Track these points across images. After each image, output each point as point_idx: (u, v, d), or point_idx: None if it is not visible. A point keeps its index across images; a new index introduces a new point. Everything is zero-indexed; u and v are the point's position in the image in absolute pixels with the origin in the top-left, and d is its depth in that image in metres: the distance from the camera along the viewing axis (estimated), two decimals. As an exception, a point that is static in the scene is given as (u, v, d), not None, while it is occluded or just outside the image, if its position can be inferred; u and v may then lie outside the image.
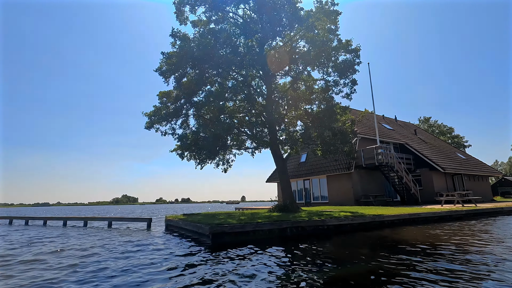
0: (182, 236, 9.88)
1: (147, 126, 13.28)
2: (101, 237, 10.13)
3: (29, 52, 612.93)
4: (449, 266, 4.85)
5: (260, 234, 8.63)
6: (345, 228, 10.25)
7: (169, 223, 12.62)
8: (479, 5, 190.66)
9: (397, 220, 11.63)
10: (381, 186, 24.44)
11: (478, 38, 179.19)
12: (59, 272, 5.16)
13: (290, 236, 9.06)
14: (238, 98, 12.44)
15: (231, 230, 8.19)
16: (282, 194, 13.97)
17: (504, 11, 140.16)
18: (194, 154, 14.88)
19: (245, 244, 7.76)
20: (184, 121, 13.24)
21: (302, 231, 9.37)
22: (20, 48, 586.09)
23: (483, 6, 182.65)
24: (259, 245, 7.56)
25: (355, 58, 10.50)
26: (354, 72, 10.70)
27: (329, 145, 10.50)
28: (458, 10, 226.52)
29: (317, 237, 8.94)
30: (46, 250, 7.64)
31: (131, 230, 12.50)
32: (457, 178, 26.48)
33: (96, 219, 15.05)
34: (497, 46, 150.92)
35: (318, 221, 9.74)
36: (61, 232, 12.63)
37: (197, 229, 8.90)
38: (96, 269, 5.25)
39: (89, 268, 5.40)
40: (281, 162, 13.56)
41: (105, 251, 7.10)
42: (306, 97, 10.91)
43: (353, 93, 11.14)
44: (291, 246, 7.50)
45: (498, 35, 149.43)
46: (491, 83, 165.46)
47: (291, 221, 9.22)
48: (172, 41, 11.79)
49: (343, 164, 22.86)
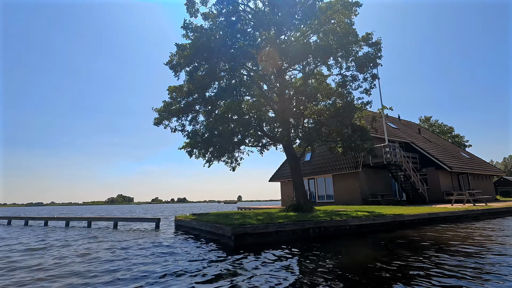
0: (196, 237, 9.40)
1: (156, 123, 12.76)
2: (114, 239, 9.58)
3: (22, 50, 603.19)
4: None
5: (283, 235, 8.19)
6: (367, 228, 9.87)
7: (179, 223, 12.11)
8: (479, 5, 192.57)
9: (416, 220, 11.29)
10: (387, 185, 24.18)
11: (478, 38, 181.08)
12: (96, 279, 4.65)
13: (313, 236, 8.65)
14: (252, 93, 11.94)
15: (254, 231, 7.74)
16: (296, 193, 13.56)
17: (504, 11, 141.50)
18: (203, 152, 14.39)
19: (271, 246, 7.32)
20: (194, 117, 12.70)
21: (324, 231, 8.96)
22: (13, 46, 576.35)
23: (483, 6, 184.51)
24: (287, 247, 7.12)
25: (376, 51, 10.10)
26: (375, 66, 10.31)
27: (350, 141, 10.09)
28: (458, 9, 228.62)
29: (340, 238, 8.53)
30: (69, 253, 7.10)
31: (140, 231, 11.96)
32: (462, 178, 26.35)
33: (101, 219, 14.46)
34: (497, 45, 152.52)
35: (340, 221, 9.34)
36: (77, 233, 12.04)
37: (216, 230, 8.42)
38: (141, 276, 4.73)
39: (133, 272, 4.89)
40: (294, 161, 13.14)
41: (133, 254, 6.50)
42: (325, 91, 10.47)
43: (372, 88, 10.74)
44: (328, 248, 7.08)
45: (498, 35, 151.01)
46: (487, 82, 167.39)
47: (313, 221, 8.80)
48: (183, 33, 11.26)
49: (350, 163, 22.54)
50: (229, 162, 16.00)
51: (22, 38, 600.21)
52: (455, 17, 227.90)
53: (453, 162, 24.96)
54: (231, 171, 16.66)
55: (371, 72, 10.44)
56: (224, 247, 7.23)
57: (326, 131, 10.43)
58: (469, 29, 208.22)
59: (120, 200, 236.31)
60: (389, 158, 20.60)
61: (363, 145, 10.42)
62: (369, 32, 10.28)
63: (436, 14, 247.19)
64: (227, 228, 7.69)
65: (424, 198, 21.94)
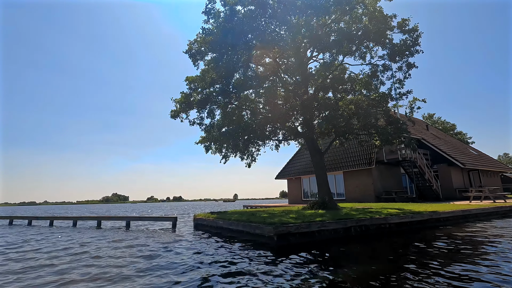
0: (222, 237, 8.71)
1: (173, 115, 11.99)
2: (136, 241, 8.82)
3: (14, 48, 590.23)
4: None
5: (325, 234, 7.57)
6: (406, 227, 9.31)
7: (200, 223, 11.38)
8: (479, 4, 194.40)
9: (451, 217, 10.79)
10: (398, 182, 23.77)
11: (478, 37, 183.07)
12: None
13: (354, 235, 8.05)
14: (277, 85, 11.21)
15: (297, 230, 7.10)
16: (319, 190, 12.95)
17: (504, 11, 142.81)
18: (219, 147, 13.68)
19: (316, 246, 6.67)
20: (212, 110, 11.91)
21: (365, 230, 8.35)
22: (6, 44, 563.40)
23: (483, 6, 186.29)
24: (338, 247, 6.48)
25: (414, 39, 9.46)
26: (412, 54, 9.69)
27: (387, 134, 9.48)
28: (456, 8, 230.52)
29: (384, 237, 7.93)
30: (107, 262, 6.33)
31: (157, 231, 11.21)
32: (472, 174, 26.09)
33: (112, 218, 13.62)
34: (497, 45, 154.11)
35: (381, 219, 8.75)
36: (91, 234, 11.23)
37: (252, 230, 7.73)
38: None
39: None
40: (318, 156, 12.51)
41: (171, 262, 5.67)
42: (363, 81, 9.78)
43: (407, 78, 10.13)
44: (389, 249, 6.44)
45: (498, 35, 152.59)
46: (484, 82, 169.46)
47: (355, 220, 8.19)
48: (204, 18, 10.44)
49: (363, 159, 22.04)
50: (244, 158, 15.32)
51: (13, 35, 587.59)
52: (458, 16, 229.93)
53: (465, 159, 24.65)
54: (246, 167, 16.02)
55: (406, 61, 9.82)
56: (267, 249, 6.55)
57: (361, 123, 9.80)
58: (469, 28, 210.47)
59: (115, 199, 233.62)
60: (404, 154, 20.16)
61: (400, 138, 9.83)
62: (405, 18, 9.68)
63: (438, 13, 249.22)
64: (268, 227, 7.01)
65: (437, 195, 21.57)
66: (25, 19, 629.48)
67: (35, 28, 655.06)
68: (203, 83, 10.88)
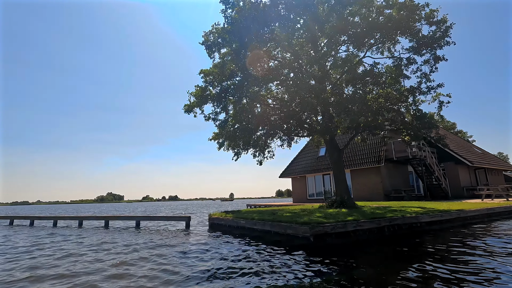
0: (245, 237, 8.24)
1: (186, 110, 11.46)
2: (152, 244, 8.29)
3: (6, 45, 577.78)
4: None
5: (359, 234, 7.14)
6: (435, 225, 8.94)
7: (216, 222, 10.87)
8: (479, 4, 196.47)
9: (477, 215, 10.47)
10: (406, 180, 23.56)
11: (478, 37, 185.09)
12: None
13: (388, 235, 7.65)
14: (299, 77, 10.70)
15: (333, 230, 6.66)
16: (337, 188, 12.53)
17: (504, 11, 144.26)
18: (233, 144, 13.18)
19: (357, 247, 6.24)
20: (225, 105, 11.35)
21: (398, 229, 7.96)
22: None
23: (483, 6, 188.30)
24: (380, 248, 6.05)
25: (444, 31, 9.04)
26: (440, 46, 9.29)
27: (416, 129, 9.09)
28: (456, 8, 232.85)
29: (417, 236, 7.54)
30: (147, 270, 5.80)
31: (170, 232, 10.69)
32: (478, 172, 26.01)
33: (120, 218, 13.02)
34: (497, 45, 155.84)
35: (412, 218, 8.37)
36: (105, 235, 10.64)
37: (282, 230, 7.26)
38: None
39: None
40: (337, 153, 12.10)
41: (203, 270, 5.02)
42: (393, 74, 9.32)
43: (434, 72, 9.74)
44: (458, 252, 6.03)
45: (498, 35, 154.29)
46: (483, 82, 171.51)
47: (388, 219, 7.80)
48: (222, 8, 9.89)
49: (372, 157, 21.75)
50: (256, 155, 14.86)
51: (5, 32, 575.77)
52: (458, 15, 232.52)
53: (471, 157, 24.53)
54: (258, 165, 15.55)
55: (434, 53, 9.43)
56: (303, 250, 6.09)
57: (390, 117, 9.39)
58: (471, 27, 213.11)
59: (110, 198, 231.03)
60: (414, 152, 19.89)
61: (428, 133, 9.47)
62: (434, 9, 9.30)
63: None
64: (303, 227, 6.56)
65: (446, 194, 21.38)
66: (17, 16, 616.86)
67: (26, 26, 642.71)
68: (220, 75, 10.34)
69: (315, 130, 12.20)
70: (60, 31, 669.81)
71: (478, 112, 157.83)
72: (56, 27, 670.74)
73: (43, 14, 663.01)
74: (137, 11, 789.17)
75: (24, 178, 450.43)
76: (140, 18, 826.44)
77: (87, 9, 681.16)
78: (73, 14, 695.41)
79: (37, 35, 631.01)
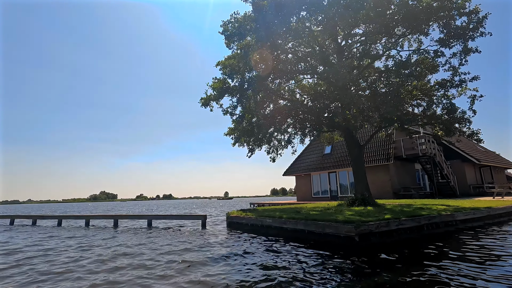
0: (270, 236, 7.82)
1: (203, 103, 10.92)
2: (177, 247, 7.78)
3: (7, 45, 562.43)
4: None
5: (401, 233, 6.77)
6: (469, 223, 8.64)
7: (236, 221, 10.39)
8: (478, 4, 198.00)
9: (504, 213, 10.24)
10: (413, 178, 23.40)
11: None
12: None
13: (427, 234, 7.28)
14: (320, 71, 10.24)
15: (377, 229, 6.27)
16: (357, 185, 12.18)
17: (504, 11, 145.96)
18: (248, 140, 12.71)
19: (400, 247, 5.84)
20: (247, 98, 10.82)
21: (436, 227, 7.61)
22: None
23: (483, 6, 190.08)
24: (432, 248, 5.65)
25: (477, 22, 8.68)
26: (473, 38, 8.95)
27: (449, 123, 8.74)
28: None
29: (455, 235, 7.19)
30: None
31: (187, 231, 10.18)
32: (483, 170, 26.07)
33: (130, 217, 12.42)
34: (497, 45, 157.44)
35: (448, 215, 8.05)
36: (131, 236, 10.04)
37: (319, 229, 6.82)
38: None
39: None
40: (358, 149, 11.73)
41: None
42: (430, 66, 8.88)
43: (463, 65, 9.41)
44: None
45: (498, 34, 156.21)
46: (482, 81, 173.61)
47: (426, 217, 7.44)
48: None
49: (380, 155, 21.51)
50: (270, 152, 14.42)
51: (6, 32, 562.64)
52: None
53: (477, 155, 24.53)
54: (271, 161, 15.10)
55: (465, 45, 9.07)
56: (347, 251, 5.66)
57: (425, 110, 9.03)
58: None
59: (103, 197, 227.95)
60: (424, 150, 19.70)
61: (462, 129, 9.14)
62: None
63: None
64: (346, 226, 6.13)
65: (455, 191, 21.29)
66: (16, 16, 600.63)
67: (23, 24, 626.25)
68: (243, 67, 9.80)
69: (335, 125, 11.79)
70: (53, 28, 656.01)
71: (479, 112, 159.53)
72: (51, 25, 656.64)
73: (40, 13, 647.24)
74: (134, 9, 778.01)
75: (14, 176, 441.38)
76: (136, 15, 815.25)
77: (80, 8, 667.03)
78: (71, 13, 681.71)
79: (33, 33, 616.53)
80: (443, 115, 9.19)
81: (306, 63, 9.60)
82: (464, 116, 9.07)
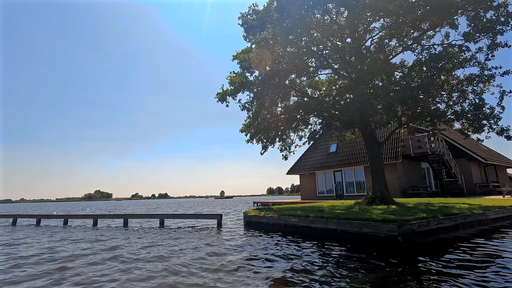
0: (294, 235, 7.47)
1: (219, 98, 10.53)
2: (204, 251, 7.39)
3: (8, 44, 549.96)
4: None
5: (440, 232, 6.47)
6: (500, 222, 8.42)
7: (254, 220, 10.03)
8: None
9: (528, 212, 10.01)
10: (420, 177, 23.30)
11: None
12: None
13: (463, 234, 7.00)
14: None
15: (419, 229, 5.96)
16: (375, 183, 11.87)
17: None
18: (261, 137, 12.36)
19: (444, 247, 5.53)
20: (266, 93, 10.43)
21: (470, 227, 7.36)
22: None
23: None
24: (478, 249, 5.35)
25: (506, 15, 8.43)
26: (501, 33, 8.70)
27: (479, 119, 8.50)
28: None
29: (487, 233, 6.93)
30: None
31: (204, 231, 9.77)
32: (487, 169, 26.10)
33: (141, 216, 11.97)
34: None
35: (481, 214, 7.81)
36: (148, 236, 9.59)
37: (355, 229, 6.49)
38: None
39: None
40: (376, 147, 11.46)
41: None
42: (457, 59, 8.60)
43: (489, 60, 9.16)
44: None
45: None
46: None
47: (462, 215, 7.17)
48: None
49: (387, 153, 21.31)
50: (282, 150, 14.10)
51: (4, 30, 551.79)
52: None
53: (483, 154, 24.53)
54: (283, 159, 14.76)
55: (493, 39, 8.82)
56: (390, 252, 5.34)
57: (457, 106, 8.78)
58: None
59: (98, 196, 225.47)
60: (433, 148, 19.56)
61: (492, 125, 8.89)
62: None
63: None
64: (388, 225, 5.81)
65: (462, 190, 21.23)
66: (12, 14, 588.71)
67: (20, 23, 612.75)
68: (263, 61, 9.40)
69: (351, 122, 11.48)
70: (50, 27, 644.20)
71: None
72: (48, 23, 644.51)
73: (37, 12, 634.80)
74: (130, 8, 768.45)
75: (6, 175, 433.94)
76: (132, 14, 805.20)
77: (77, 7, 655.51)
78: (68, 12, 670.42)
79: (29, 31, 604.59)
80: (469, 111, 8.95)
81: (335, 54, 9.20)
82: (493, 112, 8.84)
